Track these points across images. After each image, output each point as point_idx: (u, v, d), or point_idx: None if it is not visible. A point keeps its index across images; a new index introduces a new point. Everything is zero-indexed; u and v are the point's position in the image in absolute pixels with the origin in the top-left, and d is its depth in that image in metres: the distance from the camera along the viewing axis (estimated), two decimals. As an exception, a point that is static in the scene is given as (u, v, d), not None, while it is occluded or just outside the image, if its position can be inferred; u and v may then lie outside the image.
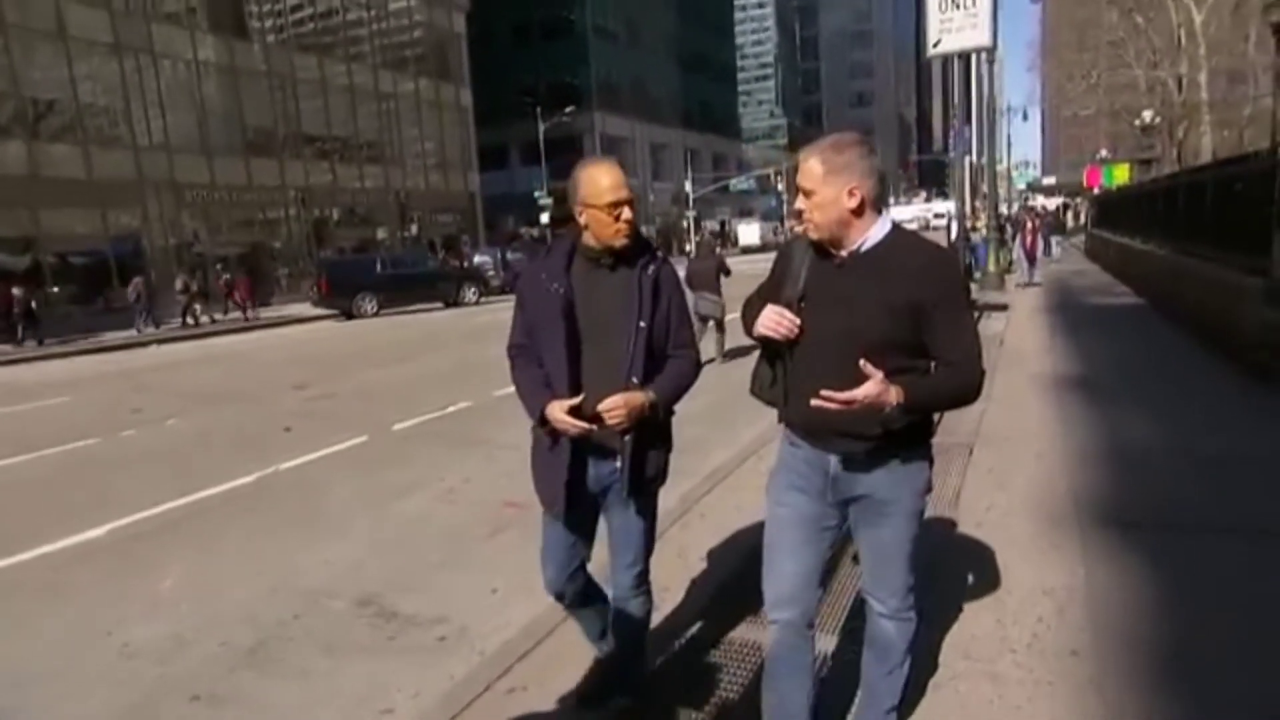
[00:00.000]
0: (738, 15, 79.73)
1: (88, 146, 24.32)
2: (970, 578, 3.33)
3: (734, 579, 3.44)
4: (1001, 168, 40.10)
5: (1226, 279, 7.82)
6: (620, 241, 2.14)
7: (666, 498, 2.42)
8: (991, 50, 9.59)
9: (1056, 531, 3.74)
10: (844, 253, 1.91)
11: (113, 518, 5.29)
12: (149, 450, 7.41)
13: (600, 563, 2.51)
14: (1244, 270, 7.35)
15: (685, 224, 51.07)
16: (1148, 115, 31.12)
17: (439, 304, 22.76)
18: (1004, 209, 30.22)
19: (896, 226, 1.93)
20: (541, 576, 2.43)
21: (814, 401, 1.76)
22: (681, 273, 3.10)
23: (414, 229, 34.89)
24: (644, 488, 2.28)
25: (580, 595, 2.47)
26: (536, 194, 38.27)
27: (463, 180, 39.18)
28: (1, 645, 3.67)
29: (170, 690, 3.19)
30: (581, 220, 2.15)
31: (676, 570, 3.61)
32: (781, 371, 2.03)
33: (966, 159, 19.89)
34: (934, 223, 49.79)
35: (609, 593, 2.49)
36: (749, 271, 5.60)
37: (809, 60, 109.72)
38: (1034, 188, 62.39)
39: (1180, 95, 29.90)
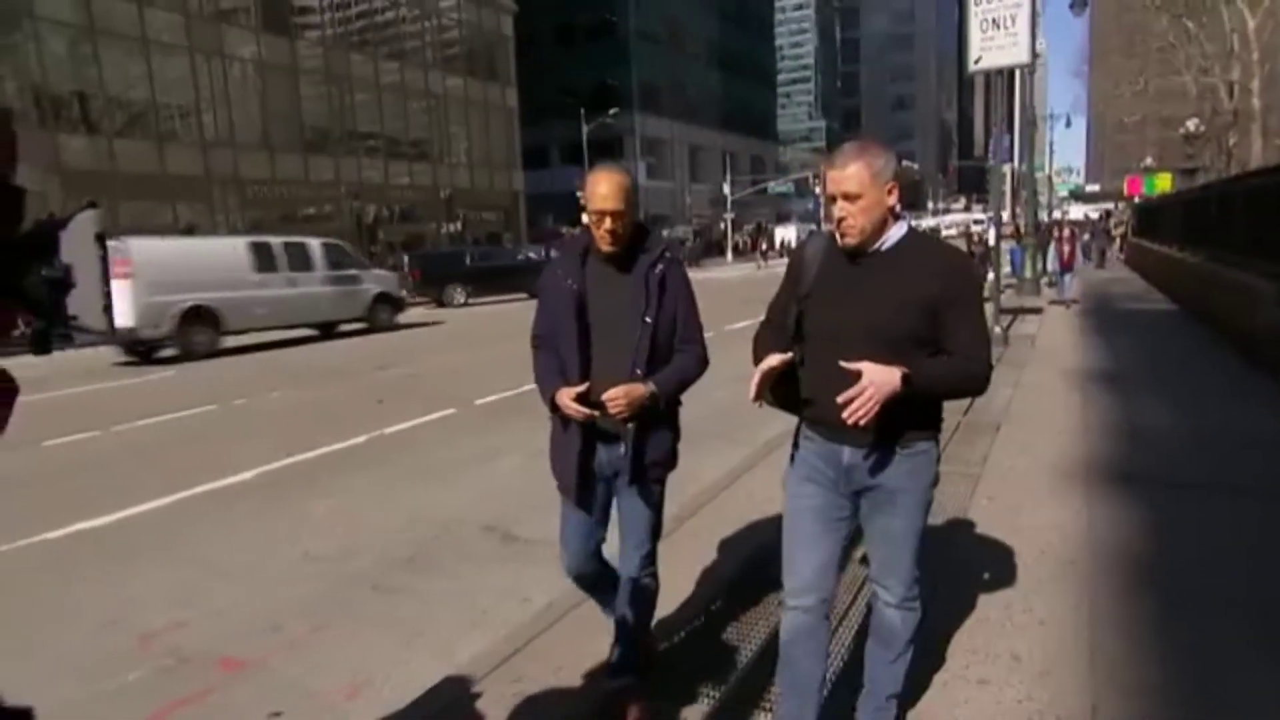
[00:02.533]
0: (776, 17, 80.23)
1: (161, 143, 25.85)
2: (993, 515, 4.13)
3: (749, 567, 3.83)
4: (1043, 175, 40.23)
5: (1247, 283, 8.45)
6: (605, 248, 2.28)
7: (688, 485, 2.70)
8: (1031, 66, 10.27)
9: (1067, 484, 4.52)
10: (866, 251, 1.99)
11: (253, 466, 6.26)
12: (264, 416, 8.43)
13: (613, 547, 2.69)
14: (1265, 276, 7.98)
15: (723, 225, 51.74)
16: (1192, 124, 31.13)
17: (524, 294, 23.56)
18: (1044, 216, 30.51)
19: (912, 229, 2.03)
20: (561, 559, 2.56)
21: (840, 398, 1.83)
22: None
23: (459, 225, 36.11)
24: (646, 474, 2.38)
25: (596, 576, 2.59)
26: (579, 194, 39.28)
27: (507, 179, 40.44)
28: (202, 550, 4.62)
29: (353, 582, 4.09)
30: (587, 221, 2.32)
31: (692, 555, 4.44)
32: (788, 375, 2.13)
33: (1007, 166, 20.40)
34: (974, 228, 49.95)
35: (621, 572, 2.55)
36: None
37: (849, 63, 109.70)
38: (1077, 195, 62.04)
39: (1231, 102, 29.95)
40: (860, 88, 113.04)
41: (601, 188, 2.21)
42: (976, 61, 9.31)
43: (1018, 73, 14.50)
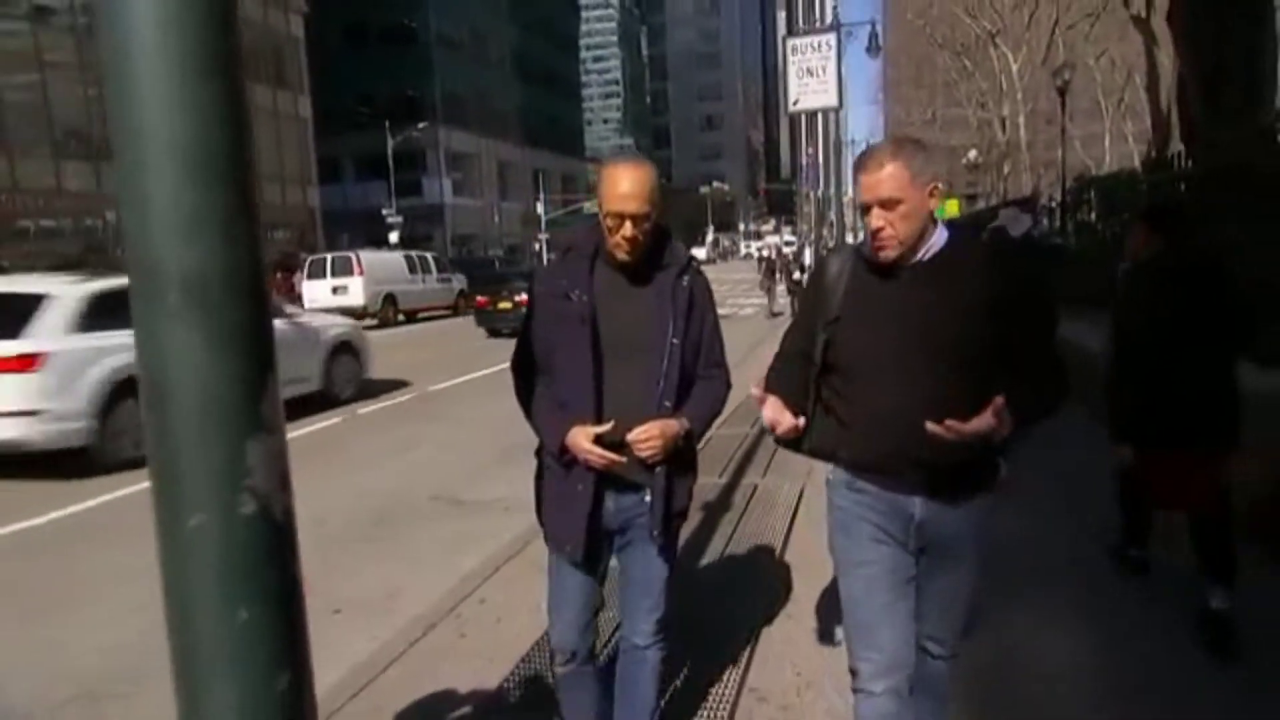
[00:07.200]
0: (582, 29, 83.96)
1: None
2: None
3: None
4: (847, 198, 45.76)
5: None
6: (619, 256, 2.09)
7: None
8: (839, 108, 12.97)
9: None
10: (909, 262, 1.88)
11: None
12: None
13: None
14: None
15: (538, 246, 53.40)
16: (973, 154, 37.27)
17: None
18: (850, 238, 35.17)
19: (955, 232, 1.93)
20: (551, 630, 2.36)
21: (930, 427, 1.71)
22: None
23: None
24: (669, 525, 2.24)
25: (589, 652, 2.36)
26: (385, 211, 39.45)
27: (301, 194, 39.74)
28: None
29: (335, 540, 5.18)
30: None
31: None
32: (818, 409, 2.04)
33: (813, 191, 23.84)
34: (785, 250, 55.16)
35: (625, 641, 2.38)
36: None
37: (657, 80, 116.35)
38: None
39: (1004, 135, 36.42)
40: (669, 106, 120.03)
41: (622, 185, 2.02)
42: (795, 104, 11.80)
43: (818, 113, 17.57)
